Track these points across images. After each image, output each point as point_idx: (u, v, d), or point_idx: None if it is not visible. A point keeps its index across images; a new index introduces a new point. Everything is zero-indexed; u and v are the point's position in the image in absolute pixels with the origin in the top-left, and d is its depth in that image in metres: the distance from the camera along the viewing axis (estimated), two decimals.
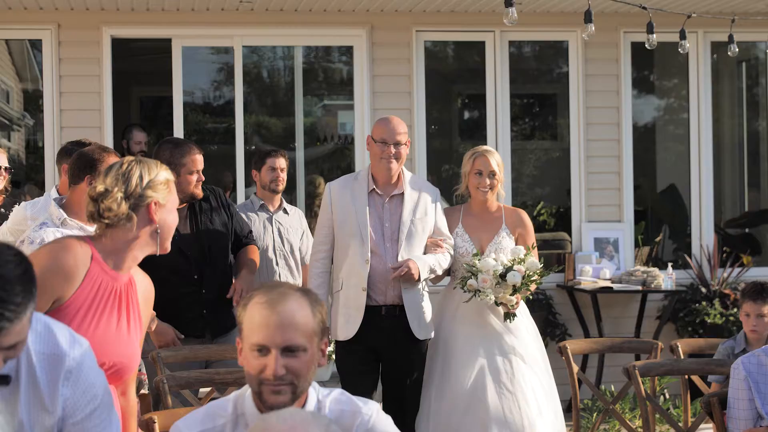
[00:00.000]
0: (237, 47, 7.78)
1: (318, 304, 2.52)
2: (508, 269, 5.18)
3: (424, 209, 5.26)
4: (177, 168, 5.14)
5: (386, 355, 5.16)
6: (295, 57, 9.75)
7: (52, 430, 2.43)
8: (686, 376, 5.11)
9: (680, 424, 5.07)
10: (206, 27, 7.67)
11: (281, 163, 6.43)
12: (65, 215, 4.23)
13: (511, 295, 5.19)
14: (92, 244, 3.10)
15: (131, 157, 3.19)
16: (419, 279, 5.11)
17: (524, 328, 5.40)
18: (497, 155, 5.56)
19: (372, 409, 2.61)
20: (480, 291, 5.16)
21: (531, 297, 5.53)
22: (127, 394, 3.21)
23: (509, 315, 5.29)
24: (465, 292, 5.23)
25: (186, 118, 8.18)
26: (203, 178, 5.27)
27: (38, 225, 4.15)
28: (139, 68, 10.66)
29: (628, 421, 5.32)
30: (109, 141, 7.33)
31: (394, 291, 5.12)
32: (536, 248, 5.52)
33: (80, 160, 4.32)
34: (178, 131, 7.65)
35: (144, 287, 3.26)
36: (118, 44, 7.73)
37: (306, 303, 2.49)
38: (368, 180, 5.25)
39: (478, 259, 5.25)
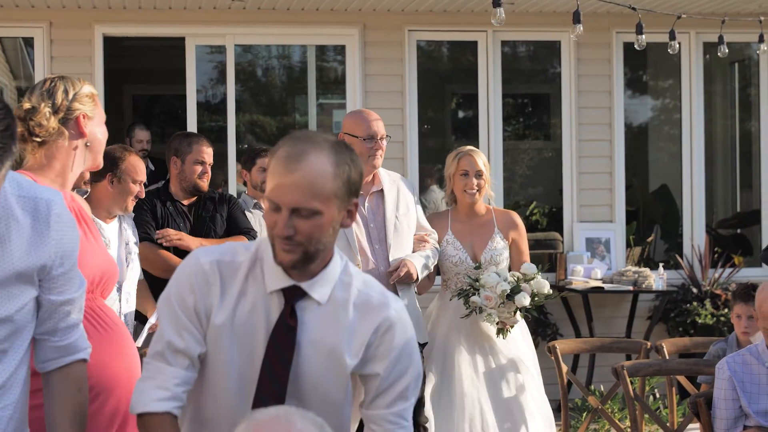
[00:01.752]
0: (229, 46, 7.78)
1: (345, 164, 2.35)
2: (516, 289, 4.91)
3: (405, 204, 4.98)
4: (183, 156, 5.30)
5: None
6: (308, 56, 9.79)
7: (43, 273, 2.41)
8: (672, 377, 5.12)
9: (668, 425, 5.08)
10: (198, 26, 7.67)
11: None
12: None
13: (513, 314, 4.96)
14: (29, 173, 3.07)
15: (53, 75, 3.17)
16: (417, 279, 4.88)
17: (519, 335, 5.22)
18: (482, 154, 5.27)
19: (399, 308, 2.50)
20: (482, 309, 4.91)
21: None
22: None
23: (503, 331, 5.02)
24: (466, 307, 4.98)
25: (180, 116, 8.20)
26: (208, 172, 5.33)
27: None
28: (133, 66, 10.67)
29: (617, 421, 5.32)
30: None
31: None
32: (528, 252, 5.34)
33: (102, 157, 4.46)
34: (192, 129, 7.63)
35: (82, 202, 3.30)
36: (110, 42, 7.73)
37: (330, 163, 2.32)
38: None
39: (481, 273, 4.99)
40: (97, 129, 3.12)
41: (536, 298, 4.96)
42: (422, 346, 5.01)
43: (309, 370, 2.41)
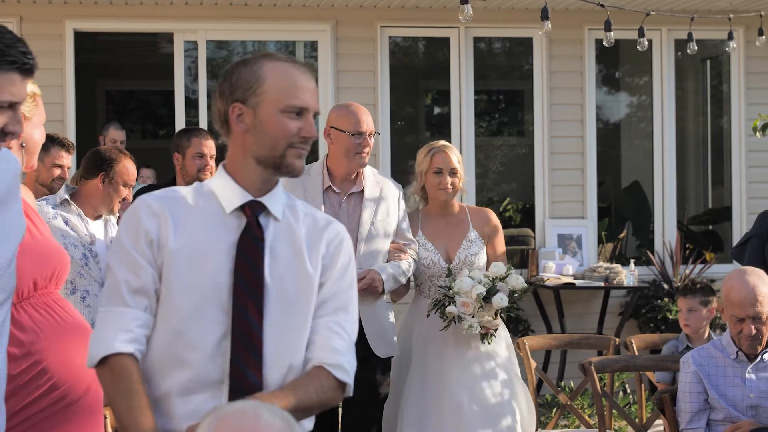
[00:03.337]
0: (201, 41, 7.75)
1: None
2: (492, 290, 4.60)
3: (386, 209, 4.64)
4: (183, 151, 5.40)
5: None
6: (296, 53, 9.75)
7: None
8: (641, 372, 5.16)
9: (637, 420, 5.11)
10: (170, 21, 7.64)
11: None
12: (67, 197, 4.44)
13: (494, 317, 4.65)
14: None
15: None
16: (383, 292, 4.51)
17: (500, 335, 4.92)
18: (456, 150, 4.95)
19: (343, 227, 2.64)
20: (461, 318, 4.59)
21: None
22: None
23: (487, 336, 4.72)
24: (443, 320, 4.64)
25: (155, 111, 8.18)
26: (209, 164, 5.34)
27: (39, 200, 4.27)
28: (107, 61, 10.62)
29: (587, 417, 5.34)
30: (71, 134, 7.29)
31: None
32: (504, 251, 5.07)
33: (95, 157, 4.56)
34: (180, 126, 7.56)
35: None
36: (83, 37, 7.69)
37: None
38: (323, 175, 4.58)
39: (453, 280, 4.65)
40: (34, 130, 3.06)
41: (515, 295, 4.69)
42: (390, 359, 4.76)
43: (278, 280, 2.45)
